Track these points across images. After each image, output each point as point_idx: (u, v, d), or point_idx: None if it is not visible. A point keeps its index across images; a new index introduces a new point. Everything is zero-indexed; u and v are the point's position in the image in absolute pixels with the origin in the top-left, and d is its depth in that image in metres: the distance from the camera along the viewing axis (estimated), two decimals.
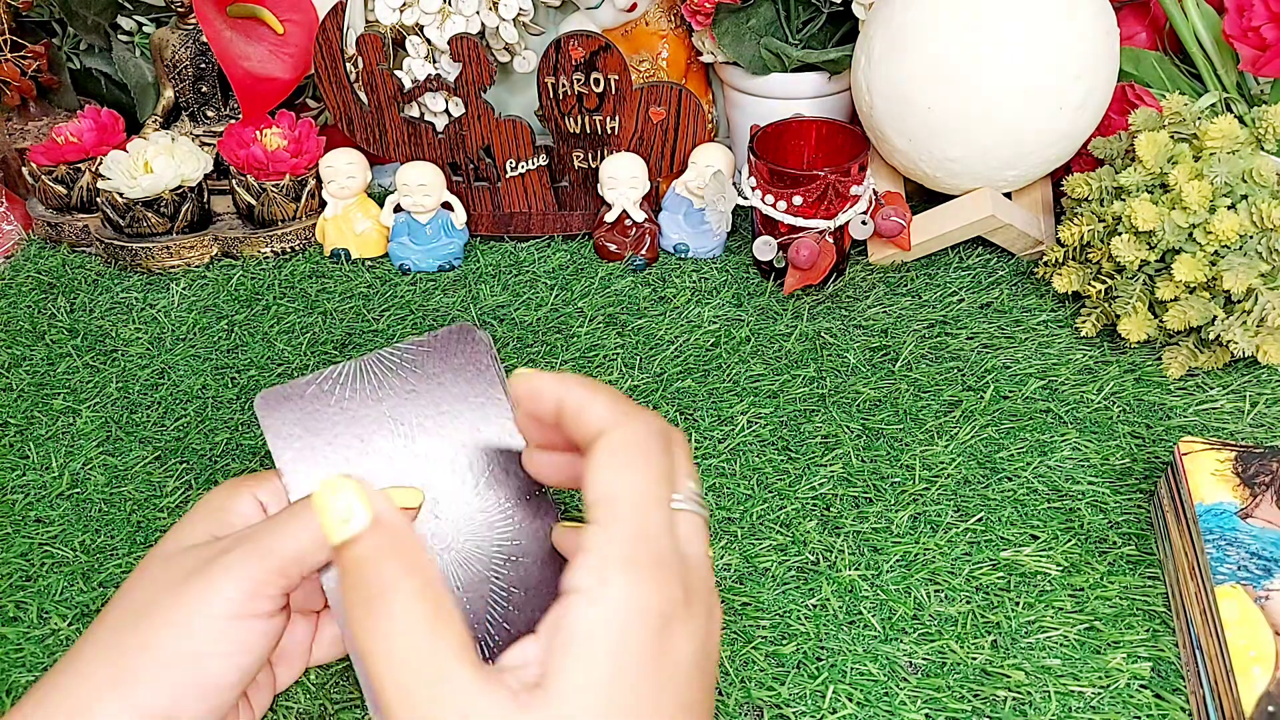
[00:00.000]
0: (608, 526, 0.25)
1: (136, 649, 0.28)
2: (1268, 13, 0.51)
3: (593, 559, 0.24)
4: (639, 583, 0.24)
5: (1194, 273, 0.46)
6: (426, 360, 0.33)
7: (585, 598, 0.24)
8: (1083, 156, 0.57)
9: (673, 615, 0.24)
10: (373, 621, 0.24)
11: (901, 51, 0.53)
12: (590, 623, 0.24)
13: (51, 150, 0.66)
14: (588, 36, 0.59)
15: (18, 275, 0.65)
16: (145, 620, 0.29)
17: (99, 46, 0.75)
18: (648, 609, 0.24)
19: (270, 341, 0.58)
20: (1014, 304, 0.57)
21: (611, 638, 0.23)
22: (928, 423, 0.49)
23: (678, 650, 0.24)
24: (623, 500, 0.25)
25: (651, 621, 0.24)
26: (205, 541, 0.31)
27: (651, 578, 0.24)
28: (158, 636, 0.28)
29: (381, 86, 0.62)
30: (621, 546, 0.25)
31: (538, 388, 0.28)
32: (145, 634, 0.28)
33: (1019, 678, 0.37)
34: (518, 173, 0.65)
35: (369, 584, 0.25)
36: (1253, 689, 0.33)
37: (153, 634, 0.28)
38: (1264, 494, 0.39)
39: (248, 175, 0.64)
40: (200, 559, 0.30)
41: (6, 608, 0.43)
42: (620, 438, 0.26)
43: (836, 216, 0.55)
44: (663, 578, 0.25)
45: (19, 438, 0.52)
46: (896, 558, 0.42)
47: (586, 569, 0.24)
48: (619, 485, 0.26)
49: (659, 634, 0.24)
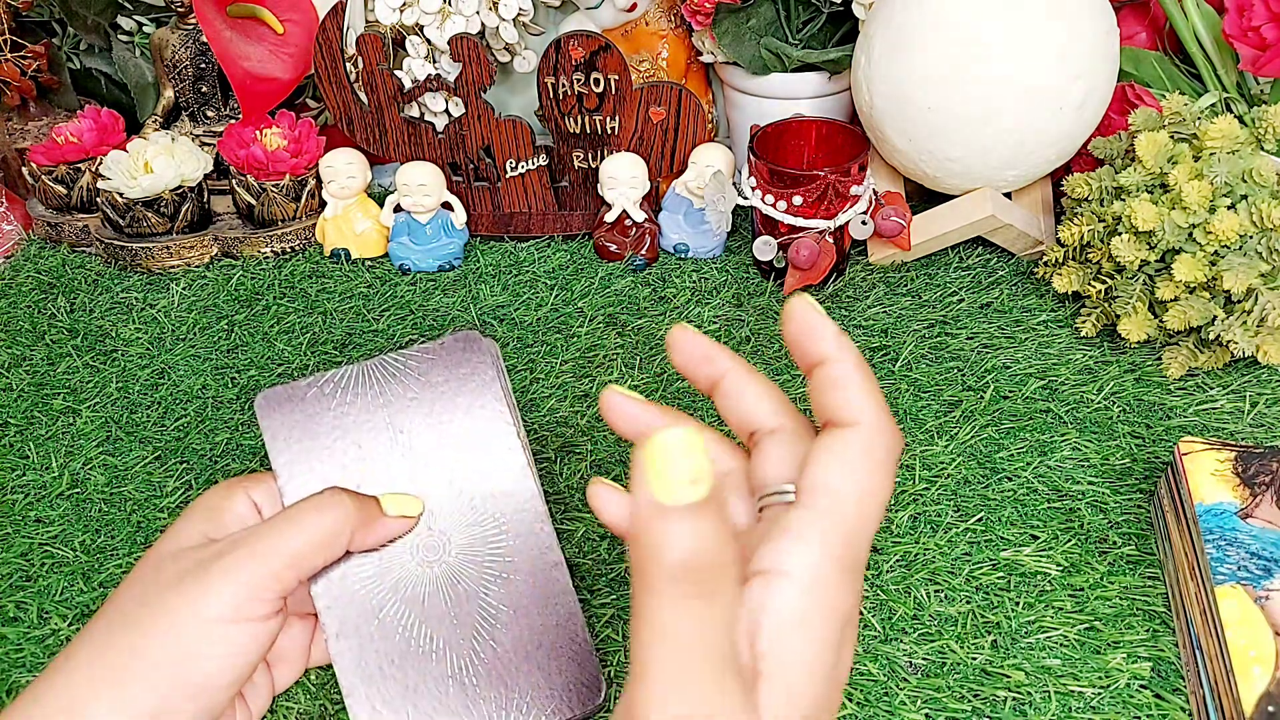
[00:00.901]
0: (828, 518, 0.24)
1: (128, 650, 0.28)
2: (1267, 12, 0.51)
3: (807, 550, 0.24)
4: (842, 585, 0.24)
5: (1194, 273, 0.46)
6: (431, 368, 0.33)
7: (795, 585, 0.24)
8: (1083, 156, 0.57)
9: (849, 623, 0.25)
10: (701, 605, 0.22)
11: (902, 51, 0.53)
12: (799, 611, 0.23)
13: (51, 150, 0.66)
14: (588, 36, 0.59)
15: (18, 275, 0.65)
16: (138, 622, 0.29)
17: (99, 46, 0.75)
18: (838, 609, 0.24)
19: (270, 341, 0.58)
20: (1014, 304, 0.57)
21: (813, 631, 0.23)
22: (928, 423, 0.49)
23: (845, 656, 0.25)
24: (850, 500, 0.25)
25: (837, 623, 0.24)
26: (200, 544, 0.31)
27: (850, 584, 0.24)
28: (149, 638, 0.28)
29: (381, 86, 0.62)
30: (837, 547, 0.24)
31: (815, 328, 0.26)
32: (137, 636, 0.29)
33: (1019, 678, 0.37)
34: (518, 173, 0.65)
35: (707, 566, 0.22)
36: (1253, 689, 0.33)
37: (144, 636, 0.28)
38: (1264, 494, 0.39)
39: (248, 175, 0.64)
40: (195, 561, 0.30)
41: (6, 608, 0.43)
42: (874, 440, 0.25)
43: (836, 216, 0.55)
44: (856, 586, 0.25)
45: (19, 438, 0.52)
46: (896, 558, 0.42)
47: (797, 555, 0.24)
48: (854, 484, 0.25)
49: (840, 635, 0.24)
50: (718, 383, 0.28)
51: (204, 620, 0.29)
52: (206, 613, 0.29)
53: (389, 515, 0.33)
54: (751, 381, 0.28)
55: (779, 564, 0.24)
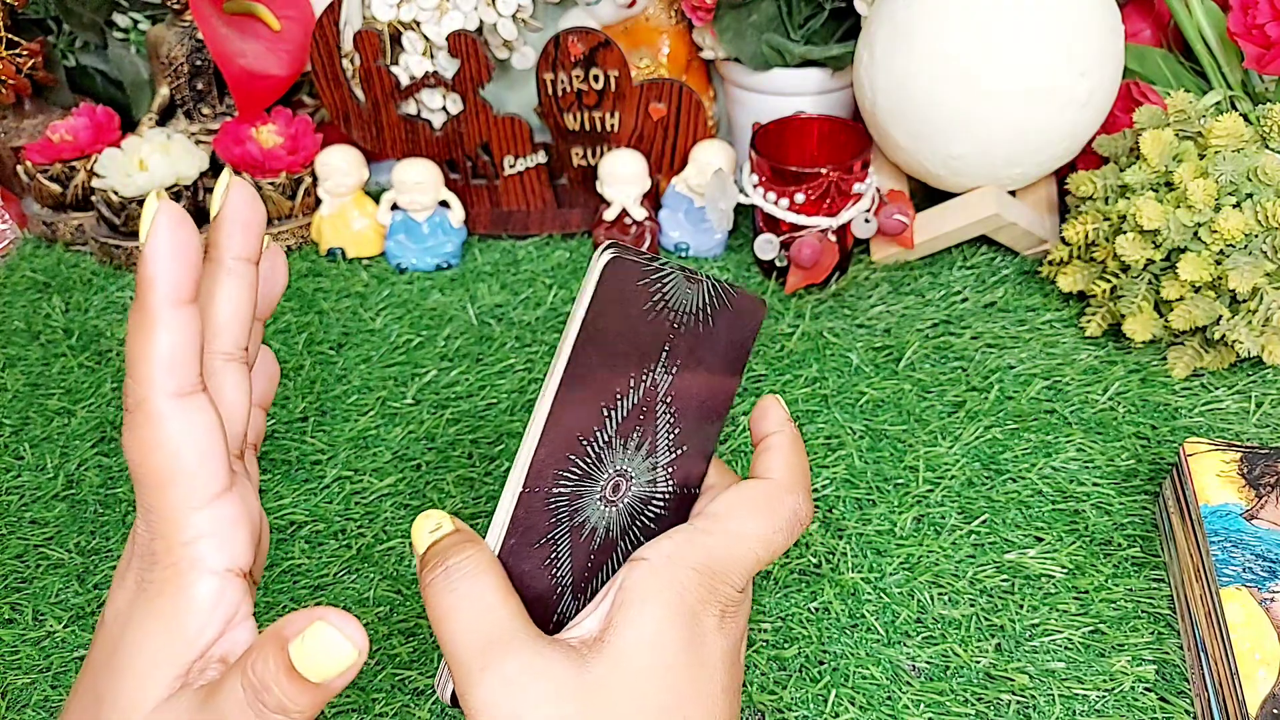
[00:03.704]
0: (699, 532, 0.28)
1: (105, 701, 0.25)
2: (1272, 10, 0.50)
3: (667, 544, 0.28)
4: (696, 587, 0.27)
5: (1199, 272, 0.46)
6: (720, 316, 0.30)
7: (646, 567, 0.27)
8: (1087, 154, 0.57)
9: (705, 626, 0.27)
10: (448, 591, 0.26)
11: (904, 48, 0.53)
12: (642, 589, 0.27)
13: (47, 148, 0.65)
14: (587, 32, 0.59)
15: (13, 275, 0.64)
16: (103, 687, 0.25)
17: (95, 44, 0.74)
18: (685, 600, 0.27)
19: (266, 341, 0.57)
20: (1018, 303, 0.56)
21: (655, 610, 0.26)
22: (931, 424, 0.48)
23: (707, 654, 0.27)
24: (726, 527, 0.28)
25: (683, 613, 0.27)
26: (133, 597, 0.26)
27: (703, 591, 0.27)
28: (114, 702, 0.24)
29: (378, 83, 0.62)
30: (697, 552, 0.28)
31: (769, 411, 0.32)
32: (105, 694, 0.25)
33: (1023, 681, 0.37)
34: (516, 170, 0.65)
35: (445, 561, 0.26)
36: (1258, 691, 0.33)
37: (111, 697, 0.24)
38: (1269, 495, 0.39)
39: (243, 173, 0.64)
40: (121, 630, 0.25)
41: (2, 610, 0.42)
42: (776, 494, 0.29)
43: (839, 215, 0.55)
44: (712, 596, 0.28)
45: (14, 438, 0.52)
46: (900, 560, 0.42)
47: (656, 548, 0.28)
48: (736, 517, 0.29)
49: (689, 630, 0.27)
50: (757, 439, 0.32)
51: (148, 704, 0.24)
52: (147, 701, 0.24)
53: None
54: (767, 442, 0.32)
55: (641, 553, 0.28)
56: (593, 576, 0.30)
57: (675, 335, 0.29)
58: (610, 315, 0.27)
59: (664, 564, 0.27)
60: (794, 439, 0.31)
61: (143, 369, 0.23)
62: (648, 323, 0.28)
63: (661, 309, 0.28)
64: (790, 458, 0.30)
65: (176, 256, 0.22)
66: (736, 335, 0.31)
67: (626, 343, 0.28)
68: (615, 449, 0.29)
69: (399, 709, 0.38)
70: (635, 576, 0.27)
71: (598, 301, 0.26)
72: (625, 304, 0.27)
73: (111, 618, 0.25)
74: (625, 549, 0.31)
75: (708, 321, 0.30)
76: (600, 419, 0.28)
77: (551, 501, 0.28)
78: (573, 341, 0.27)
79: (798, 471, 0.30)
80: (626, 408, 0.29)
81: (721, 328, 0.30)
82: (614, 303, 0.27)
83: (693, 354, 0.30)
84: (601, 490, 0.29)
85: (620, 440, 0.29)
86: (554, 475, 0.28)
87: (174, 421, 0.23)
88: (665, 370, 0.29)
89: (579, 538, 0.30)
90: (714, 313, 0.30)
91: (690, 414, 0.31)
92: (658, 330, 0.28)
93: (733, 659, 0.28)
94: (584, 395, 0.28)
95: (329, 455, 0.49)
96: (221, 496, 0.24)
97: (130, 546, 0.25)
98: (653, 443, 0.30)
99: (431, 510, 0.28)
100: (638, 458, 0.30)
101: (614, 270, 0.26)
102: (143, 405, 0.23)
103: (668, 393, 0.30)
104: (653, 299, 0.28)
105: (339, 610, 0.23)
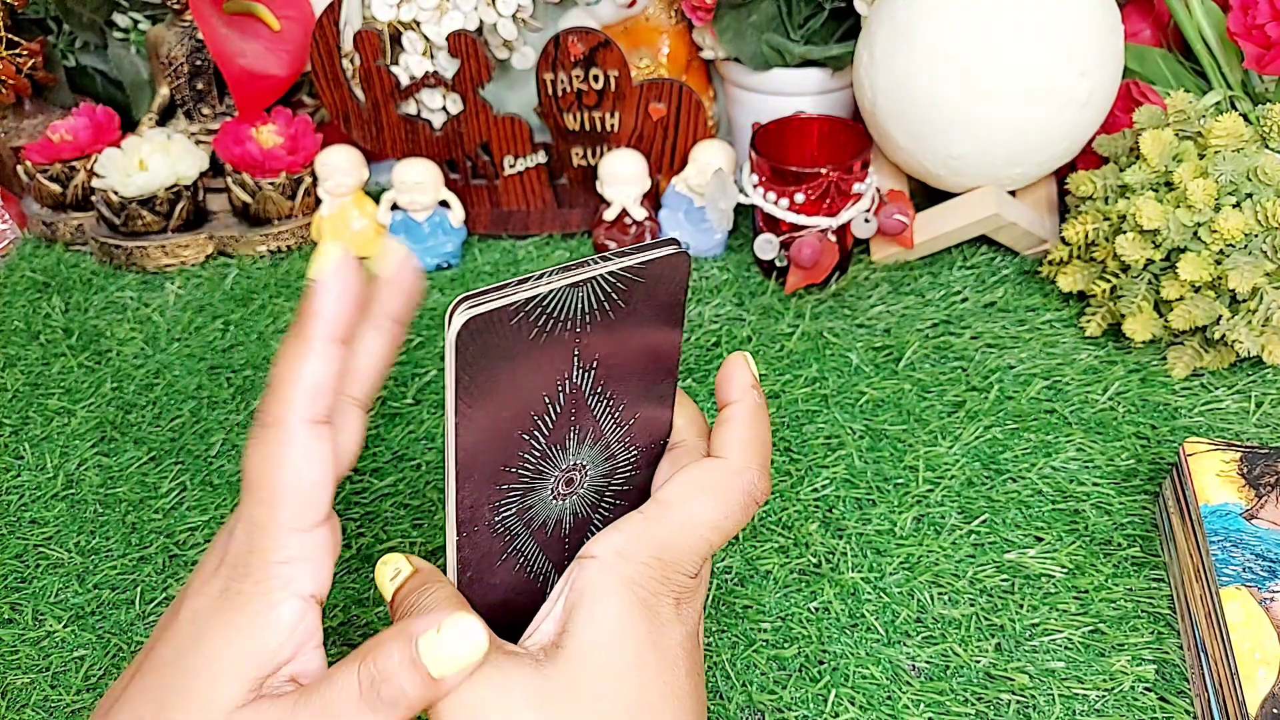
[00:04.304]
0: (647, 521, 0.28)
1: None
2: (1272, 10, 0.50)
3: (615, 537, 0.28)
4: (648, 578, 0.27)
5: (1199, 272, 0.46)
6: (630, 294, 0.28)
7: (596, 564, 0.27)
8: (1087, 154, 0.57)
9: (661, 617, 0.27)
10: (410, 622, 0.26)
11: (904, 48, 0.53)
12: (594, 586, 0.27)
13: (46, 148, 0.65)
14: (587, 32, 0.59)
15: (13, 274, 0.64)
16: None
17: (95, 44, 0.74)
18: (638, 595, 0.27)
19: (266, 341, 0.57)
20: (1018, 303, 0.56)
21: (608, 608, 0.26)
22: (931, 423, 0.48)
23: (665, 644, 0.27)
24: (677, 514, 0.28)
25: (639, 606, 0.27)
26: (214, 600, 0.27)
27: (658, 583, 0.27)
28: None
29: (378, 83, 0.62)
30: (648, 545, 0.27)
31: (733, 376, 0.30)
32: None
33: (1023, 681, 0.37)
34: (516, 170, 0.65)
35: (410, 605, 0.27)
36: (1258, 691, 0.33)
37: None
38: (1269, 495, 0.39)
39: (243, 173, 0.64)
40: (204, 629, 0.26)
41: (2, 610, 0.42)
42: (727, 476, 0.29)
43: (839, 214, 0.55)
44: (666, 588, 0.27)
45: (14, 438, 0.52)
46: (900, 560, 0.42)
47: (603, 542, 0.28)
48: (687, 502, 0.28)
49: (648, 623, 0.27)
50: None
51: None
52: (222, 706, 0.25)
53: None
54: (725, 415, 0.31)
55: (590, 550, 0.28)
56: (573, 552, 0.29)
57: (580, 339, 0.27)
58: (489, 371, 0.25)
59: (614, 560, 0.27)
60: (753, 409, 0.30)
61: (286, 390, 0.25)
62: (541, 349, 0.26)
63: (552, 327, 0.26)
64: (746, 432, 0.29)
65: (342, 299, 0.25)
66: (661, 298, 0.28)
67: (523, 380, 0.26)
68: (554, 457, 0.28)
69: None
70: (586, 575, 0.27)
71: (466, 370, 0.25)
72: (503, 352, 0.25)
73: (188, 618, 0.26)
74: (599, 522, 0.30)
75: (616, 308, 0.28)
76: (524, 444, 0.27)
77: (497, 527, 0.28)
78: (453, 422, 0.26)
79: (753, 447, 0.29)
80: (550, 422, 0.28)
81: (637, 302, 0.28)
82: (487, 358, 0.25)
83: (611, 342, 0.28)
84: (552, 492, 0.29)
85: (556, 447, 0.28)
86: (490, 507, 0.28)
87: (302, 445, 0.25)
88: (583, 370, 0.28)
89: (545, 535, 0.29)
90: (620, 295, 0.27)
91: (630, 388, 0.29)
92: (556, 348, 0.27)
93: (693, 643, 0.28)
94: (491, 442, 0.27)
95: None
96: (321, 525, 0.26)
97: (220, 552, 0.26)
98: (596, 431, 0.29)
99: (389, 555, 0.29)
100: (584, 450, 0.29)
101: (472, 332, 0.25)
102: (279, 424, 0.25)
103: (594, 387, 0.28)
104: (536, 326, 0.26)
105: (468, 612, 0.25)
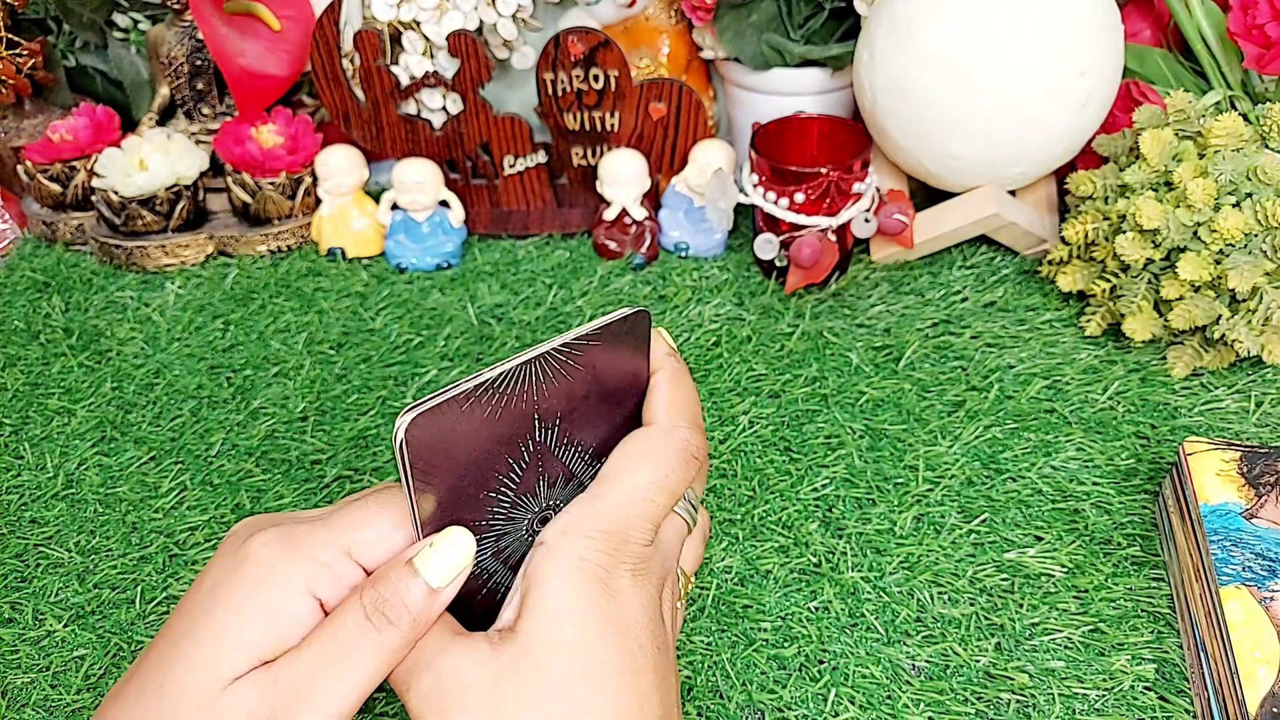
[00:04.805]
0: (592, 500, 0.29)
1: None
2: (1271, 10, 0.50)
3: (563, 520, 0.28)
4: (599, 554, 0.28)
5: (1199, 271, 0.46)
6: (589, 356, 0.28)
7: (545, 549, 0.28)
8: (1087, 154, 0.57)
9: (620, 592, 0.27)
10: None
11: (904, 47, 0.53)
12: (546, 569, 0.27)
13: (46, 148, 0.65)
14: (587, 32, 0.59)
15: (12, 274, 0.64)
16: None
17: (95, 44, 0.74)
18: (592, 572, 0.27)
19: (266, 341, 0.57)
20: (1018, 303, 0.56)
21: (560, 582, 0.27)
22: (931, 423, 0.48)
23: (628, 616, 0.27)
24: (618, 488, 0.29)
25: (595, 583, 0.27)
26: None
27: (610, 558, 0.28)
28: None
29: (378, 83, 0.62)
30: (596, 521, 0.28)
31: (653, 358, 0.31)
32: None
33: (1023, 680, 0.37)
34: (516, 170, 0.65)
35: None
36: (1257, 691, 0.33)
37: None
38: (1269, 494, 0.39)
39: (243, 173, 0.64)
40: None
41: (2, 609, 0.42)
42: (660, 439, 0.30)
43: (839, 214, 0.55)
44: (619, 562, 0.28)
45: (14, 438, 0.52)
46: (899, 559, 0.42)
47: (553, 527, 0.28)
48: (628, 474, 0.29)
49: (606, 597, 0.27)
50: None
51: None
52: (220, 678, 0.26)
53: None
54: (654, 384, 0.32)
55: (540, 537, 0.28)
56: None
57: (540, 406, 0.28)
58: (443, 464, 0.26)
59: (560, 540, 0.28)
60: (674, 374, 0.31)
61: None
62: (498, 422, 0.27)
63: (507, 403, 0.27)
64: (669, 395, 0.31)
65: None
66: (623, 352, 0.29)
67: (481, 454, 0.27)
68: (524, 504, 0.29)
69: (400, 709, 0.38)
70: (536, 560, 0.28)
71: (419, 473, 0.26)
72: (456, 442, 0.26)
73: (208, 588, 0.27)
74: None
75: (574, 371, 0.28)
76: (491, 501, 0.28)
77: (474, 570, 0.28)
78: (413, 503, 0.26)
79: (678, 406, 0.30)
80: (516, 478, 0.28)
81: (596, 361, 0.29)
82: (439, 454, 0.26)
83: (573, 400, 0.29)
84: (527, 530, 0.30)
85: (527, 495, 0.29)
86: None
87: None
88: (546, 428, 0.28)
89: (504, 557, 0.30)
90: (576, 360, 0.28)
91: (598, 429, 0.30)
92: (514, 419, 0.27)
93: (653, 613, 0.28)
94: (455, 507, 0.27)
95: (329, 455, 0.49)
96: None
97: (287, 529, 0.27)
98: (566, 473, 0.30)
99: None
100: (555, 490, 0.30)
101: (419, 432, 0.25)
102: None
103: (560, 440, 0.29)
104: (490, 406, 0.26)
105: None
